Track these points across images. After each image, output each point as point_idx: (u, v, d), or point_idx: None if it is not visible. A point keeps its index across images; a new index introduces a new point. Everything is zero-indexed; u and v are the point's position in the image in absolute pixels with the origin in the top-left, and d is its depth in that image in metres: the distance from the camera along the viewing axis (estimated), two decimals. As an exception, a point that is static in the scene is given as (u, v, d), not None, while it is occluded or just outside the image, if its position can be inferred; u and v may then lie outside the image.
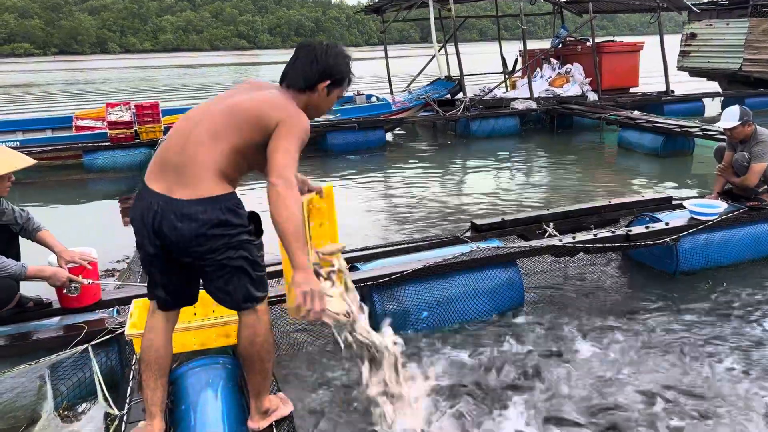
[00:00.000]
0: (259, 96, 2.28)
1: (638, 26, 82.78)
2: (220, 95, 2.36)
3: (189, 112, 2.33)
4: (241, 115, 2.21)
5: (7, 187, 3.24)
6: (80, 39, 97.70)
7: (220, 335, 2.98)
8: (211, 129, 2.19)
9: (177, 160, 2.17)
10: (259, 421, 2.46)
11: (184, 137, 2.20)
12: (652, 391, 3.13)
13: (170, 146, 2.22)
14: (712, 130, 8.48)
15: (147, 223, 2.18)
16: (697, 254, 4.54)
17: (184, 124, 2.26)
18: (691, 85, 15.74)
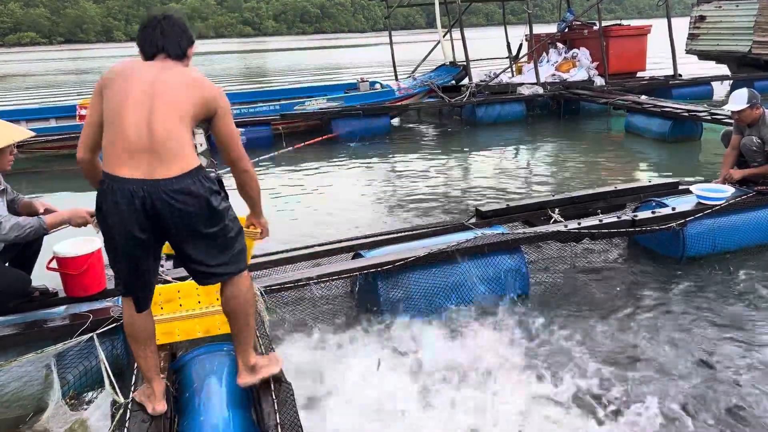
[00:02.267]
0: (195, 74, 2.36)
1: (646, 9, 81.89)
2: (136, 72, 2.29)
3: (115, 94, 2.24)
4: (197, 94, 2.28)
5: (9, 161, 3.26)
6: (86, 28, 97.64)
7: (224, 322, 2.98)
8: (174, 109, 2.22)
9: (147, 142, 2.17)
10: (246, 377, 2.53)
11: (144, 120, 2.18)
12: (656, 377, 3.13)
13: (131, 132, 2.17)
14: (720, 114, 8.38)
15: (136, 210, 2.15)
16: (704, 239, 4.50)
17: (124, 108, 2.20)
18: (700, 68, 15.56)
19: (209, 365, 2.73)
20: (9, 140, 3.17)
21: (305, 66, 32.69)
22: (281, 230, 5.64)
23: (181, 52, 2.41)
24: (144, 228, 2.20)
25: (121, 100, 2.21)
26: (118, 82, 2.26)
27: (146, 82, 2.24)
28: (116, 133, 2.19)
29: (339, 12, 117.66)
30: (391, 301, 3.76)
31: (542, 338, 3.55)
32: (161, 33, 2.37)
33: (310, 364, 3.34)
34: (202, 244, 2.29)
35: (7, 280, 3.17)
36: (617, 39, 13.07)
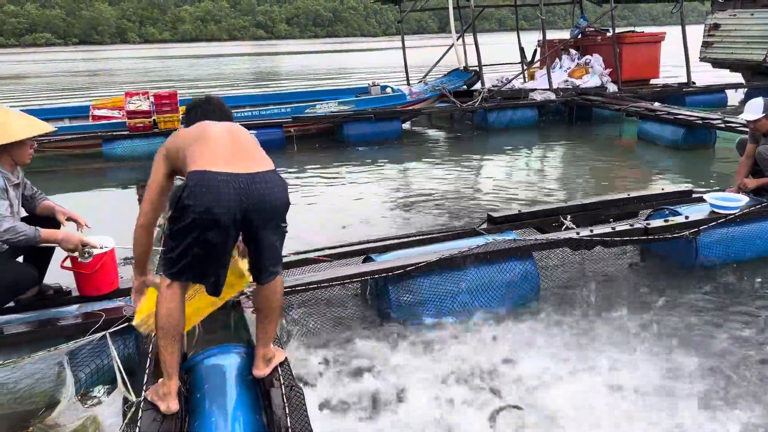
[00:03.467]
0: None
1: (660, 16, 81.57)
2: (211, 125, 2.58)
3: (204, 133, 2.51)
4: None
5: (29, 154, 3.27)
6: (100, 29, 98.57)
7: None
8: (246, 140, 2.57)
9: (237, 148, 2.48)
10: (264, 368, 2.69)
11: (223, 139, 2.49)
12: (668, 385, 3.10)
13: (221, 146, 2.45)
14: (734, 122, 8.32)
15: (233, 200, 2.32)
16: (718, 248, 4.46)
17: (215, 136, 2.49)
18: (714, 76, 15.47)
19: (220, 366, 2.74)
20: (29, 133, 3.19)
21: (317, 69, 32.80)
22: (292, 233, 5.65)
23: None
24: (236, 219, 2.36)
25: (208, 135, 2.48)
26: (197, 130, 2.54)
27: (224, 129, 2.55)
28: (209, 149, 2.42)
29: (351, 16, 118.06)
30: (401, 305, 3.76)
31: (552, 344, 3.53)
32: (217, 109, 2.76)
33: (320, 368, 3.35)
34: (277, 235, 2.53)
35: (13, 274, 3.17)
36: (631, 46, 13.03)
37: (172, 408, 2.47)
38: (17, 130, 3.14)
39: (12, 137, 3.10)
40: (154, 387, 2.56)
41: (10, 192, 3.17)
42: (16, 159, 3.21)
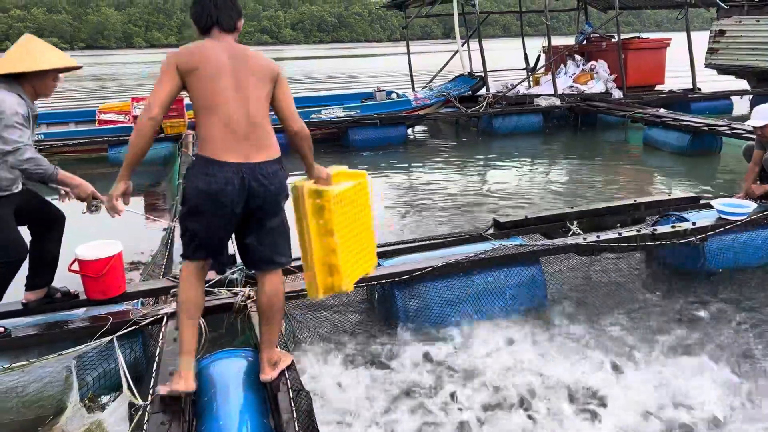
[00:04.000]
0: (256, 56, 2.63)
1: (665, 22, 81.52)
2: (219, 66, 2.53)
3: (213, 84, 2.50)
4: (266, 86, 2.60)
5: (53, 86, 3.21)
6: (107, 34, 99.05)
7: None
8: (259, 105, 2.57)
9: (246, 131, 2.51)
10: (270, 372, 2.71)
11: (238, 110, 2.50)
12: (674, 393, 3.09)
13: (229, 120, 2.48)
14: (740, 128, 8.30)
15: (236, 189, 2.47)
16: (725, 255, 4.45)
17: (225, 97, 2.50)
18: (720, 83, 15.45)
19: (227, 370, 2.75)
20: (55, 64, 3.13)
21: (322, 75, 32.88)
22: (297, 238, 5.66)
23: (233, 25, 2.64)
24: (241, 205, 2.51)
25: (217, 88, 2.50)
26: (207, 68, 2.50)
27: (231, 75, 2.52)
28: (222, 125, 2.48)
29: (356, 22, 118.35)
30: (408, 310, 3.76)
31: (560, 350, 3.52)
32: (214, 6, 2.60)
33: (326, 373, 3.35)
34: (277, 221, 2.64)
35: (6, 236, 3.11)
36: (636, 52, 13.01)
37: (190, 387, 2.54)
38: (43, 59, 3.09)
39: (37, 66, 3.06)
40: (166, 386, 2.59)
41: (31, 123, 3.11)
42: (38, 89, 3.15)
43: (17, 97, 3.03)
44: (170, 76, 2.52)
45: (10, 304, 3.48)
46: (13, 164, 2.98)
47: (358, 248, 2.92)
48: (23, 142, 2.97)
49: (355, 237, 2.87)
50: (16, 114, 2.96)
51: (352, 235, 2.83)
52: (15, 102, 2.99)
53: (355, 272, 2.90)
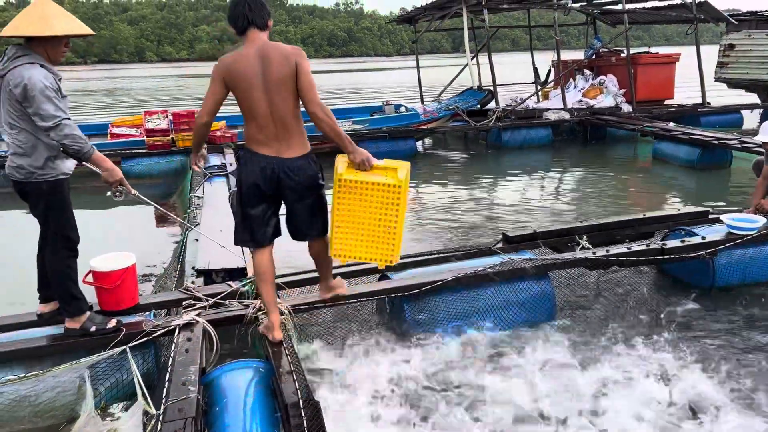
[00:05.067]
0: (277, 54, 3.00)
1: (674, 36, 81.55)
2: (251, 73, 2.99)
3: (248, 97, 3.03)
4: (290, 73, 3.00)
5: (63, 52, 3.19)
6: (119, 48, 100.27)
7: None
8: (287, 108, 3.05)
9: (275, 132, 3.07)
10: (325, 293, 3.62)
11: (268, 116, 3.04)
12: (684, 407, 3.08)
13: (262, 126, 3.06)
14: (751, 142, 8.29)
15: (267, 176, 3.08)
16: (735, 270, 4.44)
17: (258, 107, 3.03)
18: (730, 97, 15.43)
19: (238, 381, 2.78)
20: (69, 30, 3.10)
21: (331, 88, 33.10)
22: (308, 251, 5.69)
23: (264, 24, 3.09)
24: (272, 188, 3.12)
25: (253, 101, 3.02)
26: (242, 84, 3.00)
27: (262, 78, 2.99)
28: (257, 128, 3.07)
29: (366, 36, 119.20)
30: (417, 323, 3.77)
31: (568, 364, 3.52)
32: (249, 8, 3.03)
33: (335, 383, 3.37)
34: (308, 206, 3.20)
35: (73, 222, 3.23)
36: (645, 66, 13.04)
37: (277, 337, 3.17)
38: (58, 25, 3.05)
39: (53, 31, 3.03)
40: (263, 326, 3.29)
41: (61, 91, 3.10)
42: (50, 54, 3.13)
43: (41, 68, 3.00)
44: (217, 86, 3.06)
45: (25, 315, 3.55)
46: (53, 138, 3.00)
47: (366, 236, 3.19)
48: (61, 115, 2.97)
49: (363, 225, 3.16)
50: (46, 88, 2.95)
51: (357, 221, 3.16)
52: (42, 75, 2.97)
53: (354, 252, 3.22)
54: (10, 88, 2.98)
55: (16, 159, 3.08)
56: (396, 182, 3.10)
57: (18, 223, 6.74)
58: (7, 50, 3.09)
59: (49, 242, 3.21)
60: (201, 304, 3.58)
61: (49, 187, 3.12)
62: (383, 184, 3.09)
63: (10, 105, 3.03)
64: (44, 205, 3.14)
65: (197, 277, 4.03)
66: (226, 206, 5.73)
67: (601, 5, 14.36)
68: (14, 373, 3.08)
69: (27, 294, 3.57)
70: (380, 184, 3.09)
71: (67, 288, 3.23)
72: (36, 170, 3.08)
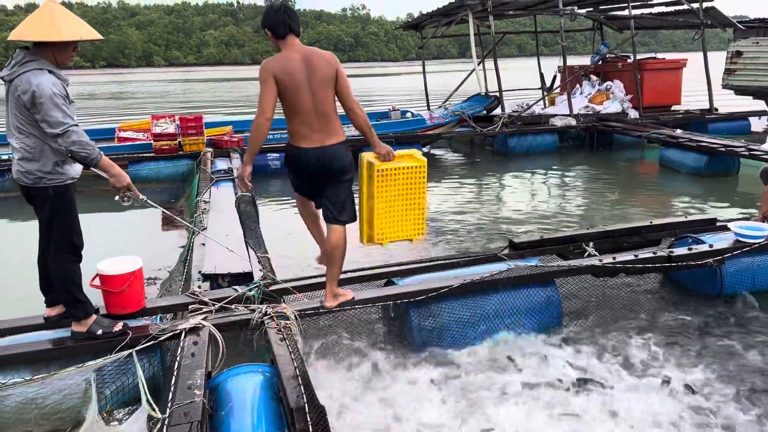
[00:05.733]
0: (319, 57, 3.41)
1: (681, 42, 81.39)
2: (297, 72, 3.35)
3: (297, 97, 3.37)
4: (332, 74, 3.42)
5: (71, 56, 3.19)
6: (127, 52, 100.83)
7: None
8: (327, 104, 3.43)
9: (318, 126, 3.43)
10: (331, 300, 3.63)
11: (312, 112, 3.40)
12: (695, 418, 3.06)
13: (306, 121, 3.42)
14: (758, 149, 8.25)
15: (313, 164, 3.44)
16: (743, 277, 4.41)
17: (305, 105, 3.39)
18: (737, 102, 15.38)
19: (244, 386, 2.78)
20: (78, 35, 3.10)
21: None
22: (315, 256, 5.69)
23: (299, 31, 3.45)
24: (319, 174, 3.49)
25: (299, 98, 3.36)
26: (293, 85, 3.35)
27: (306, 78, 3.36)
28: (303, 124, 3.43)
29: (372, 41, 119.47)
30: (423, 329, 3.77)
31: (575, 372, 3.51)
32: (289, 18, 3.37)
33: (341, 389, 3.36)
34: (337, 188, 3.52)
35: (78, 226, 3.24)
36: (652, 72, 13.02)
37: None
38: (68, 30, 3.05)
39: (61, 36, 3.02)
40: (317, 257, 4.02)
41: (69, 96, 3.10)
42: (58, 58, 3.13)
43: (48, 74, 3.01)
44: (271, 84, 3.34)
45: (32, 318, 3.56)
46: (61, 145, 3.02)
47: (399, 216, 3.61)
48: (69, 122, 2.99)
49: (398, 206, 3.58)
50: (54, 95, 2.95)
51: (393, 204, 3.56)
52: (50, 82, 2.98)
53: (393, 234, 3.63)
54: (18, 93, 2.99)
55: (25, 164, 3.10)
56: (420, 163, 3.58)
57: (24, 226, 6.77)
58: (14, 54, 3.09)
59: (53, 246, 3.22)
60: (207, 308, 3.58)
61: (56, 192, 3.14)
62: (412, 167, 3.55)
63: (18, 110, 3.05)
64: (50, 209, 3.15)
65: (203, 282, 4.03)
66: (233, 210, 5.74)
67: (608, 11, 14.36)
68: (21, 375, 3.09)
69: (34, 297, 3.58)
70: (410, 168, 3.54)
71: (71, 292, 3.24)
72: (45, 175, 3.10)
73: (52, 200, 3.14)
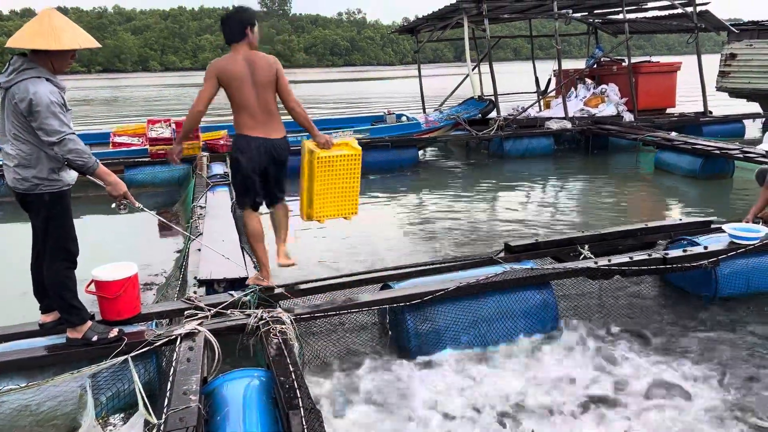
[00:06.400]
0: (263, 61, 3.83)
1: (676, 45, 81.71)
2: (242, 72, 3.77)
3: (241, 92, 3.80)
4: (273, 82, 3.85)
5: (69, 64, 3.20)
6: (123, 57, 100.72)
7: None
8: (269, 101, 3.86)
9: (262, 119, 3.86)
10: (284, 258, 4.17)
11: (256, 107, 3.82)
12: (689, 420, 3.07)
13: (252, 114, 3.83)
14: (753, 152, 8.29)
15: (262, 153, 3.86)
16: (738, 279, 4.43)
17: (247, 98, 3.80)
18: (733, 107, 15.45)
19: (240, 390, 2.78)
20: (77, 44, 3.10)
21: (333, 97, 33.20)
22: (310, 261, 5.71)
23: (243, 38, 3.83)
24: (265, 163, 3.89)
25: (244, 95, 3.79)
26: (235, 82, 3.77)
27: (251, 79, 3.78)
28: (249, 116, 3.84)
29: (368, 45, 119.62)
30: (419, 333, 3.77)
31: (570, 374, 3.51)
32: (230, 29, 3.83)
33: (336, 392, 3.36)
34: (282, 174, 4.03)
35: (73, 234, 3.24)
36: (646, 75, 13.06)
37: (271, 283, 3.98)
38: (67, 39, 3.05)
39: (61, 45, 3.02)
40: (254, 276, 4.03)
41: (66, 104, 3.10)
42: (56, 66, 3.13)
43: (46, 82, 3.01)
44: (211, 83, 3.77)
45: (26, 324, 3.55)
46: (57, 153, 3.02)
47: (336, 198, 4.03)
48: (65, 131, 2.99)
49: (334, 189, 4.00)
50: (52, 103, 2.96)
51: (331, 186, 3.98)
52: (48, 91, 2.98)
53: (329, 213, 4.06)
54: (15, 101, 2.99)
55: (21, 171, 3.09)
56: (356, 151, 4.02)
57: (19, 232, 6.75)
58: (12, 60, 3.09)
59: (48, 253, 3.21)
60: (203, 313, 3.58)
61: (51, 198, 3.13)
62: (348, 155, 3.98)
63: (14, 117, 3.04)
64: (45, 215, 3.15)
65: (199, 287, 4.03)
66: (229, 216, 5.74)
67: (603, 15, 14.42)
68: (16, 382, 3.08)
69: (29, 304, 3.57)
70: (346, 156, 3.97)
71: (66, 299, 3.23)
72: (41, 182, 3.10)
73: (48, 207, 3.14)
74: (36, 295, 3.47)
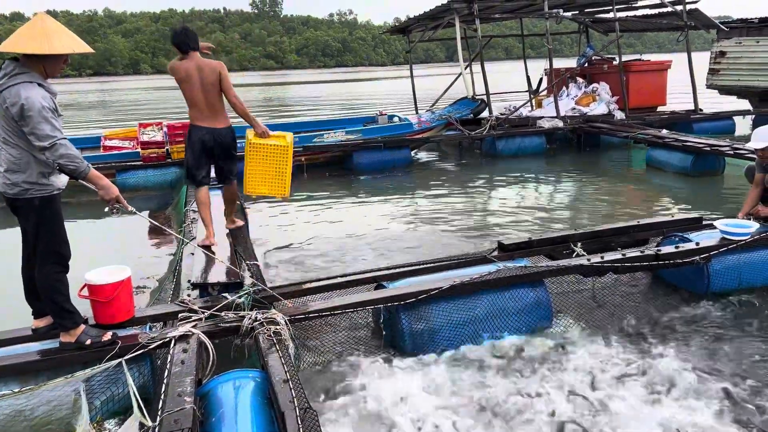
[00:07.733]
0: (208, 66, 4.65)
1: (666, 44, 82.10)
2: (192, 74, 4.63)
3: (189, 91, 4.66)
4: (216, 76, 4.64)
5: (61, 68, 3.18)
6: (114, 60, 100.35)
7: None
8: (215, 98, 4.68)
9: (208, 113, 4.69)
10: (230, 224, 5.24)
11: (202, 101, 4.66)
12: (681, 417, 3.09)
13: (199, 107, 4.68)
14: (743, 148, 8.34)
15: (207, 140, 4.71)
16: (729, 275, 4.46)
17: (196, 96, 4.66)
18: (723, 104, 15.54)
19: (234, 391, 2.78)
20: (70, 49, 3.09)
21: (325, 99, 33.19)
22: (305, 261, 5.71)
23: (197, 47, 4.74)
24: (211, 147, 4.74)
25: (194, 94, 4.65)
26: (187, 83, 4.63)
27: (199, 81, 4.62)
28: (198, 111, 4.70)
29: (360, 46, 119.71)
30: (413, 332, 3.77)
31: (564, 371, 3.53)
32: (188, 38, 4.67)
33: (332, 393, 3.36)
34: (230, 158, 4.85)
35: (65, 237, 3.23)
36: (637, 74, 13.14)
37: (212, 241, 4.73)
38: (60, 44, 3.04)
39: (53, 50, 3.01)
40: (199, 239, 4.75)
41: (57, 109, 3.09)
42: (48, 70, 3.13)
43: (38, 87, 3.01)
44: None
45: (19, 329, 3.53)
46: (49, 158, 3.02)
47: (267, 178, 4.90)
48: (57, 136, 2.98)
49: (265, 171, 4.88)
50: (44, 108, 2.96)
51: (261, 169, 4.87)
52: (40, 96, 2.98)
53: (260, 190, 4.94)
54: (6, 105, 2.98)
55: (10, 175, 3.08)
56: (285, 144, 4.85)
57: (9, 237, 6.71)
58: (3, 65, 3.08)
59: (39, 258, 3.19)
60: (197, 316, 3.57)
61: (41, 203, 3.12)
62: (276, 145, 4.83)
63: (5, 122, 3.04)
64: (36, 220, 3.14)
65: (193, 291, 4.02)
66: (222, 219, 5.72)
67: (593, 14, 14.49)
68: (9, 387, 3.06)
69: (21, 309, 3.55)
70: (275, 146, 4.82)
71: (58, 303, 3.22)
72: (31, 186, 3.09)
73: (38, 211, 3.13)
74: (27, 299, 3.46)
